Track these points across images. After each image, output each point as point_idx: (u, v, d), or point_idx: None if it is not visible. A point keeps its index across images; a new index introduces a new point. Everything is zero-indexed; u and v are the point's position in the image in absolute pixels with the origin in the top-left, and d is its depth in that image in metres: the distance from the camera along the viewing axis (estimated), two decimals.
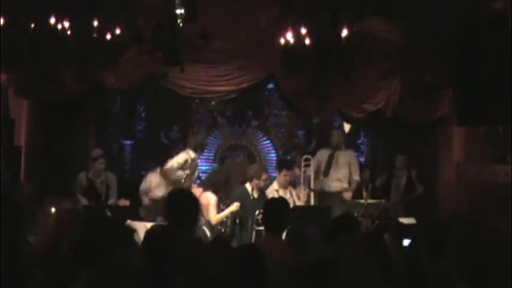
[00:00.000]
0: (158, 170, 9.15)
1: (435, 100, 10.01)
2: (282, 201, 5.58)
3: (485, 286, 3.23)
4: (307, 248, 4.99)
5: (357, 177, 9.63)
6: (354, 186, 9.60)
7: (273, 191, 8.72)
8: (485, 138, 10.22)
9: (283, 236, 5.29)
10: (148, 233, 3.94)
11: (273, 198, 6.25)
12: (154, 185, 9.05)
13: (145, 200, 9.10)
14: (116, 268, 2.69)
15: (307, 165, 9.45)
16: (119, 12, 8.55)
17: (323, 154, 9.78)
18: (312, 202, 9.29)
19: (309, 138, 11.67)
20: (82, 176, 9.15)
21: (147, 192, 9.08)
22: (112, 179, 9.25)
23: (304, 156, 9.58)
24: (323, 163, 9.67)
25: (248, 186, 8.57)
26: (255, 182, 8.56)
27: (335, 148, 9.73)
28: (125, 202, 8.82)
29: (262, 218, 5.02)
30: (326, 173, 9.62)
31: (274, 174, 9.51)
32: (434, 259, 4.04)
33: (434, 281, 3.42)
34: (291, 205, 8.47)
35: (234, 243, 7.60)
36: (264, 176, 8.69)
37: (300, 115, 11.00)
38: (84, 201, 8.91)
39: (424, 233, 4.56)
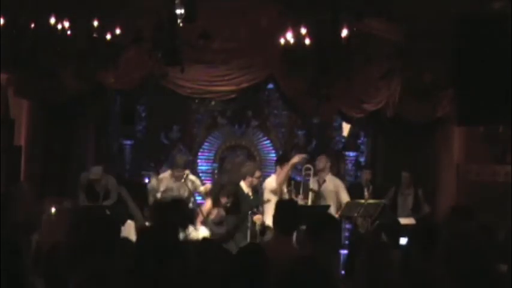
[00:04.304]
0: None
1: (435, 100, 10.00)
2: (292, 203, 5.61)
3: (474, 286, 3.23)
4: None
5: (347, 199, 9.38)
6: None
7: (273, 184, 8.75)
8: (485, 138, 10.22)
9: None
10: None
11: (284, 200, 6.33)
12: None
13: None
14: (111, 268, 2.69)
15: (308, 174, 9.36)
16: (119, 12, 8.56)
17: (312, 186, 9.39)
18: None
19: (309, 138, 11.66)
20: (84, 176, 9.33)
21: None
22: (112, 182, 9.30)
23: (305, 166, 9.45)
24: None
25: (242, 184, 8.58)
26: (249, 179, 8.56)
27: (320, 177, 9.46)
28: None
29: (273, 218, 4.99)
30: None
31: (270, 174, 9.47)
32: (425, 259, 4.05)
33: (424, 280, 3.43)
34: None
35: (232, 243, 7.63)
36: (257, 174, 8.69)
37: (300, 115, 10.99)
38: (84, 199, 9.00)
39: (416, 234, 4.57)
